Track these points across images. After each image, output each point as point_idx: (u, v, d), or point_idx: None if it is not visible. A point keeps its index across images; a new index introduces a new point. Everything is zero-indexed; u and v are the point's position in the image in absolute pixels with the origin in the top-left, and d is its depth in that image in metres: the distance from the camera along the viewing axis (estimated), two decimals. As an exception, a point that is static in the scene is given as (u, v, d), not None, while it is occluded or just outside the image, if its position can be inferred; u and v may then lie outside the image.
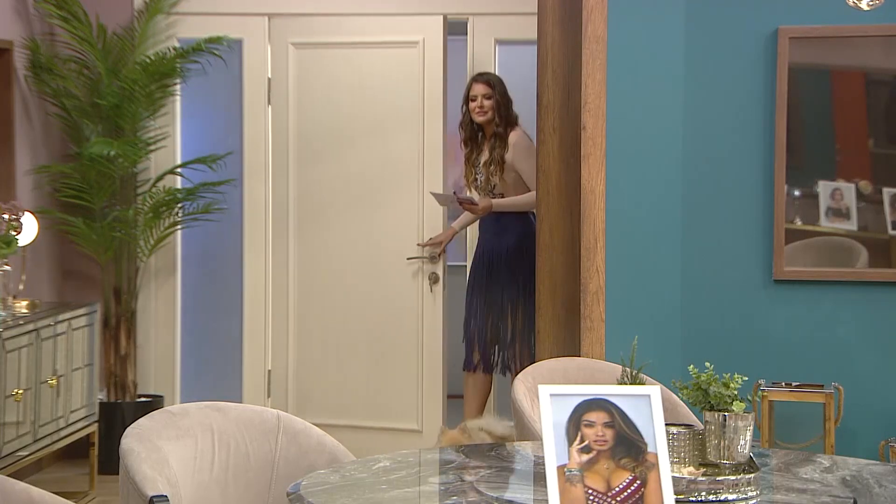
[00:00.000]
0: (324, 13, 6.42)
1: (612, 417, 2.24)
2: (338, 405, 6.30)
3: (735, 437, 2.52)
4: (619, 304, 4.85)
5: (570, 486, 2.16)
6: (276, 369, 6.43)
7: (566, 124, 5.01)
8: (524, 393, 3.55)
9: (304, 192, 6.39)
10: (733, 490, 2.42)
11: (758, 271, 4.94)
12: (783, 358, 4.88)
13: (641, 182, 4.93)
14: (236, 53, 6.39)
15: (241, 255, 6.48)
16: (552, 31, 5.03)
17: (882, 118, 4.98)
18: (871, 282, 4.88)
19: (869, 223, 4.88)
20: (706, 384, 2.59)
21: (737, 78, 4.95)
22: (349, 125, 6.35)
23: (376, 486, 2.61)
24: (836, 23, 4.81)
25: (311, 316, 6.40)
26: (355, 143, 6.34)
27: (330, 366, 6.34)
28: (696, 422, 3.09)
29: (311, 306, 6.40)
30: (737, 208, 4.96)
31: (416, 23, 6.37)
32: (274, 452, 2.89)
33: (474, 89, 5.94)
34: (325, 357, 6.35)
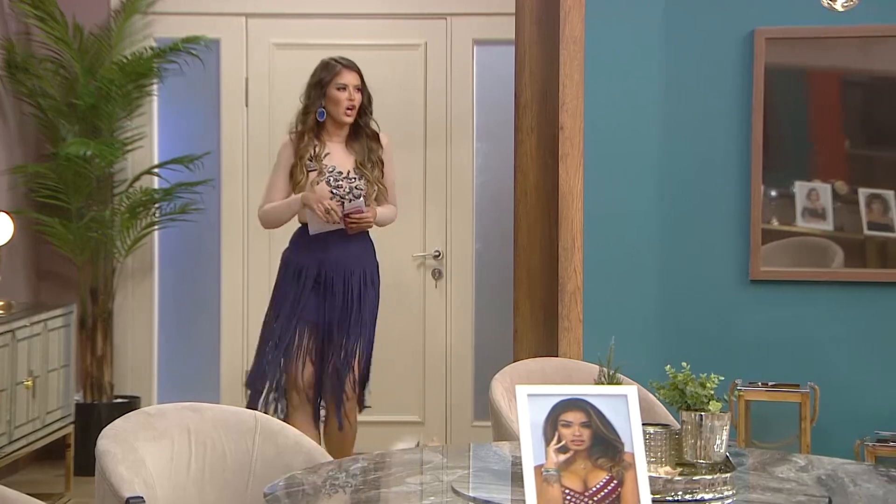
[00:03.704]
0: (303, 13, 6.43)
1: (588, 417, 2.24)
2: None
3: (711, 436, 2.53)
4: (597, 305, 4.86)
5: (547, 486, 2.17)
6: (254, 370, 6.42)
7: (544, 124, 5.02)
8: (502, 393, 3.55)
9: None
10: (709, 489, 2.43)
11: (734, 271, 4.96)
12: (760, 358, 4.90)
13: (619, 182, 4.94)
14: (214, 53, 6.38)
15: (218, 255, 6.47)
16: (530, 32, 5.04)
17: (858, 119, 5.00)
18: (847, 282, 4.91)
19: (845, 223, 4.91)
20: (683, 384, 2.60)
21: (714, 79, 4.97)
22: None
23: (353, 486, 2.61)
24: (812, 24, 4.83)
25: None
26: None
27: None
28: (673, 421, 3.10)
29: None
30: (714, 209, 4.98)
31: (399, 25, 6.40)
32: (251, 453, 2.89)
33: (345, 77, 4.90)
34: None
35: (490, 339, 6.33)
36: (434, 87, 6.42)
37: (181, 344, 6.52)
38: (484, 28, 6.40)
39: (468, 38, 6.43)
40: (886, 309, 4.87)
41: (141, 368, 6.42)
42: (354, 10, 6.42)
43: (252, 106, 6.43)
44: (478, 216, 6.46)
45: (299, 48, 6.36)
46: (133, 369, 6.41)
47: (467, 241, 6.46)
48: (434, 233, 6.42)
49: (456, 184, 6.44)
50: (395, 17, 6.44)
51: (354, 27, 6.40)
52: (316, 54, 6.36)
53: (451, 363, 6.42)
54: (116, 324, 6.29)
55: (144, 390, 6.39)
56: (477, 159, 6.47)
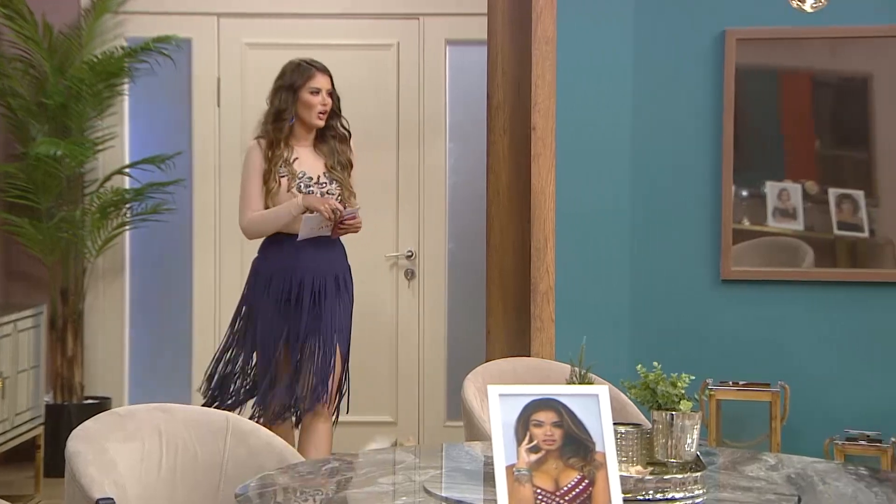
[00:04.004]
0: (275, 13, 6.41)
1: (560, 417, 2.24)
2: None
3: (682, 435, 2.54)
4: (569, 305, 4.87)
5: (518, 486, 2.17)
6: (226, 370, 6.40)
7: (516, 125, 5.02)
8: (474, 393, 3.55)
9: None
10: (680, 488, 2.44)
11: (706, 271, 4.98)
12: (731, 357, 4.92)
13: (591, 182, 4.95)
14: (185, 53, 6.36)
15: (190, 255, 6.44)
16: (502, 32, 5.04)
17: (828, 119, 5.03)
18: (817, 281, 4.93)
19: (815, 223, 4.93)
20: (654, 383, 2.61)
21: (685, 79, 4.99)
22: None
23: (325, 486, 2.61)
24: (782, 24, 4.86)
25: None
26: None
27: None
28: (645, 421, 3.11)
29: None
30: (685, 209, 5.00)
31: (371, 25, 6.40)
32: (222, 454, 2.87)
33: (318, 80, 4.76)
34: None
35: (463, 339, 6.34)
36: (406, 87, 6.42)
37: (152, 345, 6.49)
38: (456, 28, 6.40)
39: (441, 39, 6.43)
40: (856, 308, 4.90)
41: (112, 369, 6.39)
42: (327, 9, 6.42)
43: (224, 106, 6.40)
44: (450, 216, 6.46)
45: (271, 48, 6.34)
46: (104, 370, 6.38)
47: (440, 242, 6.46)
48: (407, 233, 6.42)
49: (428, 184, 6.44)
50: (368, 16, 6.43)
51: (327, 27, 6.39)
52: (288, 54, 6.34)
53: (423, 363, 6.42)
54: (87, 324, 6.26)
55: (115, 391, 6.35)
56: (449, 159, 6.47)
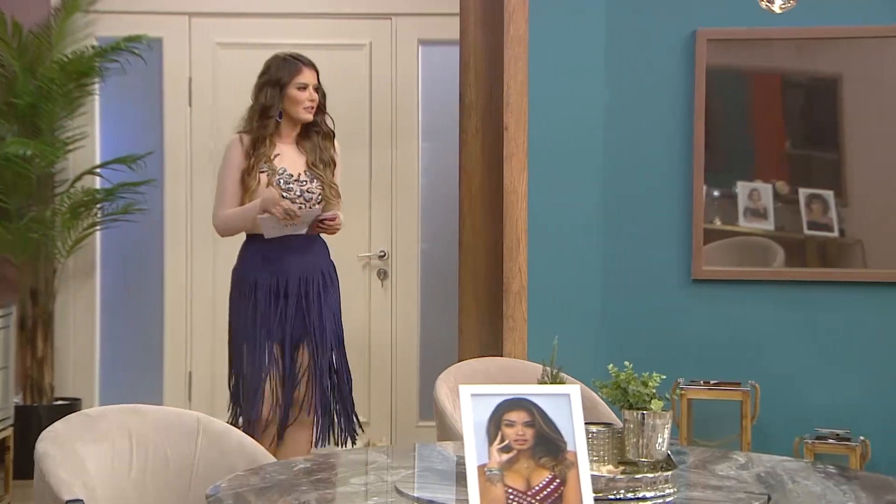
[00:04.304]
0: (247, 13, 6.40)
1: (532, 417, 2.25)
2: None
3: (653, 435, 2.54)
4: (542, 304, 4.88)
5: (490, 486, 2.17)
6: (199, 372, 6.38)
7: (488, 125, 5.03)
8: (446, 393, 3.55)
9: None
10: (651, 488, 2.44)
11: (677, 271, 5.00)
12: (702, 356, 4.95)
13: (563, 182, 4.96)
14: (156, 53, 6.33)
15: (161, 256, 6.42)
16: (474, 32, 5.05)
17: (798, 119, 5.06)
18: (788, 281, 4.96)
19: (785, 223, 4.96)
20: (625, 383, 2.61)
21: (656, 79, 5.01)
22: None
23: (297, 487, 2.60)
24: (752, 25, 4.88)
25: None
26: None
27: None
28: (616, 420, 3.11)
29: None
30: (657, 209, 5.02)
31: (344, 24, 6.39)
32: (193, 455, 2.86)
33: (305, 76, 4.63)
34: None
35: (435, 338, 6.34)
36: (379, 87, 6.42)
37: (124, 345, 6.46)
38: (429, 28, 6.40)
39: (413, 38, 6.43)
40: (826, 308, 4.93)
41: (82, 370, 6.36)
42: (299, 9, 6.41)
43: (195, 106, 6.38)
44: (423, 216, 6.46)
45: (243, 48, 6.33)
46: (74, 371, 6.34)
47: (413, 241, 6.46)
48: (379, 233, 6.41)
49: (401, 184, 6.43)
50: (340, 16, 6.42)
51: (299, 26, 6.38)
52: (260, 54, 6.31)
53: (396, 363, 6.42)
54: (57, 325, 6.22)
55: (86, 392, 6.32)
56: (422, 159, 6.47)
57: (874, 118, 4.92)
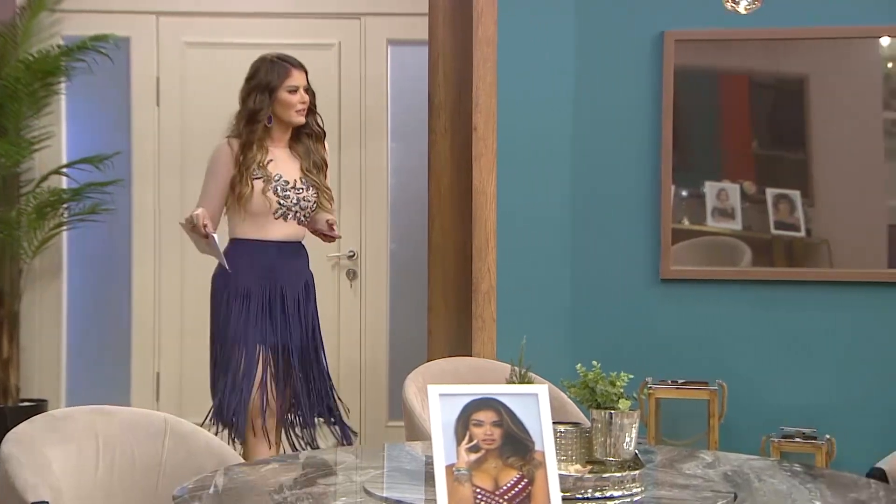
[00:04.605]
0: (215, 12, 6.37)
1: (500, 416, 2.25)
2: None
3: (621, 434, 2.55)
4: (510, 304, 4.89)
5: (458, 486, 2.17)
6: (167, 372, 6.36)
7: (457, 126, 5.03)
8: (415, 393, 3.55)
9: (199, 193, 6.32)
10: (618, 487, 2.45)
11: (645, 271, 5.02)
12: (670, 356, 4.97)
13: (532, 183, 4.97)
14: (124, 52, 6.30)
15: (129, 256, 6.39)
16: (443, 33, 5.05)
17: (765, 120, 5.08)
18: (755, 280, 4.99)
19: (753, 223, 4.98)
20: (593, 382, 2.62)
21: (625, 80, 5.03)
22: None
23: (265, 488, 2.59)
24: (720, 26, 4.91)
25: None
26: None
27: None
28: (585, 420, 3.12)
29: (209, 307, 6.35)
30: (625, 209, 5.03)
31: (312, 24, 6.37)
32: (161, 456, 2.85)
33: (296, 78, 4.50)
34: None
35: (405, 339, 6.33)
36: (348, 87, 6.41)
37: (91, 346, 6.43)
38: (398, 28, 6.40)
39: (382, 38, 6.42)
40: (793, 307, 4.96)
41: (49, 371, 6.32)
42: (267, 8, 6.39)
43: (163, 105, 6.36)
44: (392, 216, 6.46)
45: (211, 47, 6.31)
46: (40, 372, 6.30)
47: (382, 242, 6.45)
48: (348, 233, 6.40)
49: (370, 184, 6.43)
50: (309, 16, 6.41)
51: (267, 26, 6.36)
52: (229, 53, 6.34)
53: (365, 363, 6.41)
54: (23, 326, 6.18)
55: (52, 394, 6.28)
56: (391, 160, 6.46)
57: (840, 118, 4.95)
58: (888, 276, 4.91)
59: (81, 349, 6.42)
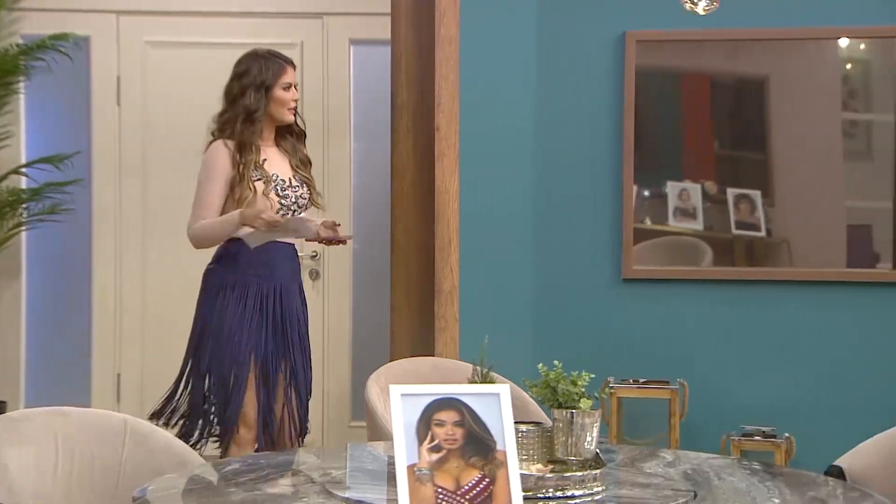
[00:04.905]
0: (176, 11, 6.34)
1: (462, 416, 2.25)
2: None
3: (582, 433, 2.56)
4: (473, 304, 4.89)
5: (419, 486, 2.17)
6: (128, 373, 6.32)
7: (420, 125, 5.03)
8: (377, 393, 3.55)
9: (161, 194, 6.30)
10: (579, 486, 2.46)
11: (607, 270, 5.04)
12: (632, 355, 4.99)
13: (494, 182, 4.98)
14: (84, 51, 6.25)
15: (89, 257, 6.34)
16: (405, 32, 5.04)
17: (726, 121, 5.11)
18: (716, 280, 5.02)
19: (714, 223, 5.01)
20: (554, 382, 2.63)
21: (587, 80, 5.04)
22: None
23: (225, 489, 2.58)
24: (681, 27, 4.93)
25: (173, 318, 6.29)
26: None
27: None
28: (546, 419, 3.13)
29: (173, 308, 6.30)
30: (587, 208, 5.05)
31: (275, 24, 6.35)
32: (120, 456, 2.83)
33: (289, 75, 4.42)
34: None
35: (367, 338, 6.32)
36: (311, 86, 6.39)
37: (50, 347, 6.38)
38: (360, 27, 6.38)
39: (344, 38, 6.41)
40: (753, 306, 4.99)
41: (7, 373, 6.26)
42: (229, 8, 6.36)
43: (124, 105, 6.32)
44: (355, 216, 6.45)
45: (173, 46, 6.27)
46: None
47: (345, 242, 6.44)
48: (311, 233, 6.37)
49: (333, 184, 6.41)
50: (271, 15, 6.39)
51: (229, 25, 6.34)
52: (190, 53, 6.31)
53: (328, 363, 6.39)
54: (-18, 327, 6.13)
55: (11, 395, 6.23)
56: (354, 159, 6.45)
57: (800, 119, 4.99)
58: (847, 276, 4.95)
59: (41, 350, 6.36)
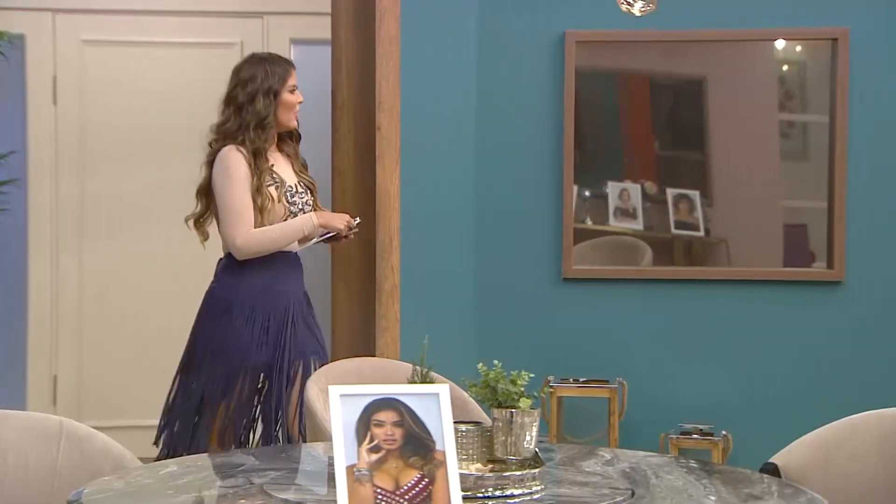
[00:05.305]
0: (114, 9, 6.28)
1: (401, 417, 2.25)
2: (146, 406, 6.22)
3: (521, 433, 2.56)
4: (414, 304, 4.89)
5: (358, 486, 2.16)
6: (64, 375, 6.24)
7: (361, 125, 5.01)
8: (317, 394, 3.53)
9: (98, 194, 6.23)
10: (519, 485, 2.46)
11: (548, 270, 5.06)
12: (572, 354, 5.01)
13: (435, 182, 4.98)
14: (19, 50, 6.17)
15: (25, 258, 6.26)
16: (346, 32, 5.03)
17: (666, 121, 5.15)
18: (655, 279, 5.06)
19: (654, 223, 5.05)
20: (494, 381, 2.63)
21: (527, 80, 5.06)
22: (154, 129, 6.24)
23: (162, 491, 2.56)
24: (621, 28, 4.96)
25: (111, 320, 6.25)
26: (158, 148, 6.24)
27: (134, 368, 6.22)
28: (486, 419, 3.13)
29: (111, 310, 6.25)
30: (528, 209, 5.07)
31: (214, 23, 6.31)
32: (56, 459, 2.80)
33: (293, 77, 4.33)
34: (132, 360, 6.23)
35: (308, 339, 6.29)
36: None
37: (-15, 350, 6.30)
38: (301, 27, 6.36)
39: (285, 38, 6.38)
40: (692, 305, 5.04)
41: (-58, 375, 6.18)
42: (168, 6, 6.31)
43: (60, 104, 6.24)
44: (296, 216, 6.41)
45: (111, 45, 6.21)
46: (-68, 377, 6.16)
47: (285, 242, 6.41)
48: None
49: (273, 184, 6.38)
50: (210, 14, 6.34)
51: (168, 24, 6.29)
52: (128, 52, 6.25)
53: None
54: (-85, 329, 6.04)
55: (-54, 398, 6.14)
56: (295, 159, 6.42)
57: (738, 120, 5.04)
58: (784, 275, 5.01)
59: (-25, 353, 6.29)
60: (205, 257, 5.08)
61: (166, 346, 6.30)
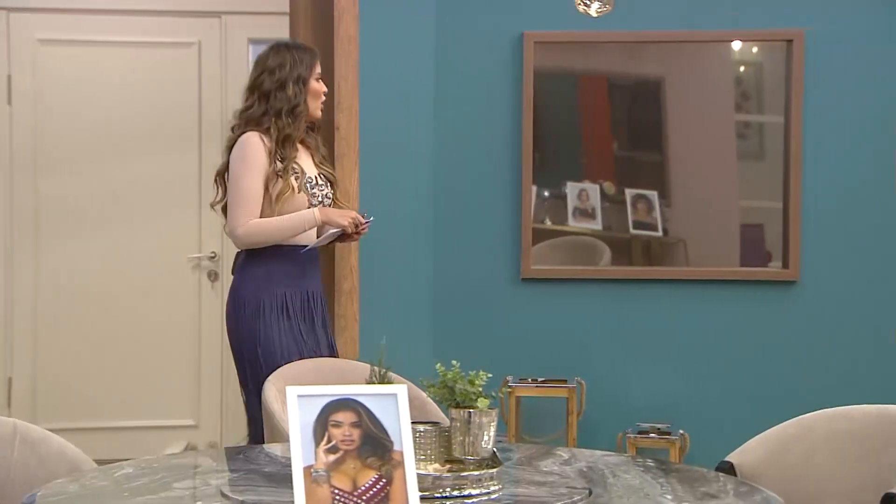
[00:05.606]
0: (70, 8, 6.23)
1: (359, 417, 2.24)
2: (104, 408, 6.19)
3: (479, 432, 2.56)
4: (373, 304, 4.88)
5: (316, 487, 2.16)
6: (20, 377, 6.19)
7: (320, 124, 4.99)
8: (275, 395, 3.52)
9: (54, 193, 6.18)
10: (476, 485, 2.46)
11: (506, 270, 5.07)
12: (531, 354, 5.02)
13: (394, 182, 4.98)
14: (-27, 48, 6.12)
15: (-22, 258, 6.21)
16: (304, 32, 5.01)
17: (624, 122, 5.17)
18: (614, 279, 5.07)
19: (612, 223, 5.07)
20: (452, 381, 2.63)
21: (486, 80, 5.06)
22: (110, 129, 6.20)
23: (118, 494, 2.54)
24: (579, 28, 4.97)
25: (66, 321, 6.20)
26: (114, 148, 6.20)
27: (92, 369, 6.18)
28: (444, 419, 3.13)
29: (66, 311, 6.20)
30: (487, 208, 5.07)
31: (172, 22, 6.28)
32: (9, 462, 2.77)
33: (318, 65, 4.24)
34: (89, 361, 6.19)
35: (267, 340, 6.27)
36: (208, 86, 6.33)
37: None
38: (259, 27, 6.33)
39: (243, 38, 6.36)
40: (650, 305, 5.06)
41: None
42: (125, 6, 6.26)
43: (16, 104, 6.19)
44: (254, 217, 6.39)
45: (67, 45, 6.17)
46: None
47: (244, 242, 6.39)
48: (210, 234, 6.31)
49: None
50: (168, 13, 6.31)
51: (125, 24, 6.24)
52: (85, 51, 6.20)
53: (226, 365, 6.33)
54: None
55: None
56: (253, 159, 6.39)
57: (695, 120, 5.07)
58: (741, 275, 5.04)
59: (-70, 354, 6.21)
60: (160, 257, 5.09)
61: (122, 347, 6.30)
